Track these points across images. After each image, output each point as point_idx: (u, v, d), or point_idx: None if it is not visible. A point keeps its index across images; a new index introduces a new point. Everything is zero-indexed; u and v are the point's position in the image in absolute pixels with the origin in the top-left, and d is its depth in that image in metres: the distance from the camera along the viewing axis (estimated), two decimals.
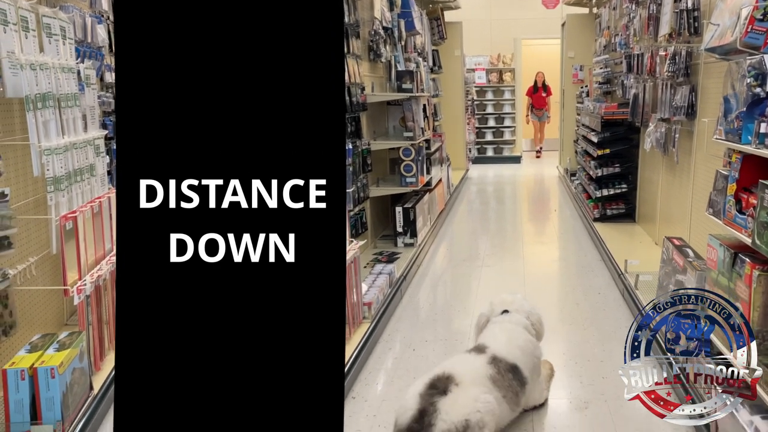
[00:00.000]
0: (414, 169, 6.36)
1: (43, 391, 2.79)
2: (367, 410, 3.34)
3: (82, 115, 3.65)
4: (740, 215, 2.52)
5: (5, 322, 2.94)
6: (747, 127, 2.50)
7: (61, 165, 3.30)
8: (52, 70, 3.28)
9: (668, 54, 4.82)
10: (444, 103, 11.03)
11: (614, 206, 7.18)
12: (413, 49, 7.88)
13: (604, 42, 8.56)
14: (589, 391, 3.44)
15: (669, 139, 5.10)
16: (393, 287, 4.91)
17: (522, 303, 3.35)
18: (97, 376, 3.40)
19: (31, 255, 3.39)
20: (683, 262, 3.37)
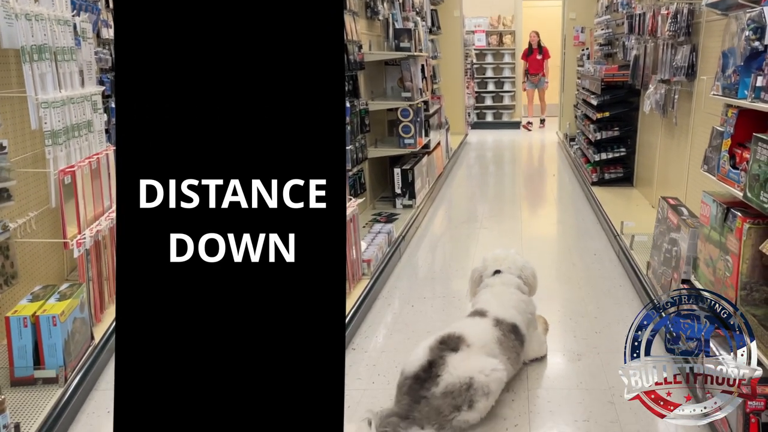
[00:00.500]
0: (412, 131, 6.35)
1: (45, 337, 2.89)
2: (366, 360, 3.45)
3: (78, 69, 3.65)
4: (734, 170, 2.57)
5: (6, 273, 3.02)
6: (744, 82, 2.53)
7: (59, 119, 3.31)
8: (48, 21, 3.26)
9: (670, 13, 4.82)
10: (443, 65, 10.93)
11: (612, 170, 7.22)
12: (411, 8, 7.76)
13: (606, 2, 8.51)
14: (582, 344, 3.53)
15: (668, 100, 5.12)
16: (392, 246, 4.98)
17: (515, 258, 3.41)
18: (97, 327, 3.49)
19: (31, 209, 3.43)
20: (677, 220, 3.43)
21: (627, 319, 3.76)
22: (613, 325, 3.74)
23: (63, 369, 2.92)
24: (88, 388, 3.13)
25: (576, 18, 10.69)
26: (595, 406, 2.93)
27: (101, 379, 3.27)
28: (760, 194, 2.18)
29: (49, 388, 2.88)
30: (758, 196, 2.20)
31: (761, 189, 2.17)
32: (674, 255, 3.41)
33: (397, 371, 3.24)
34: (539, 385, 3.14)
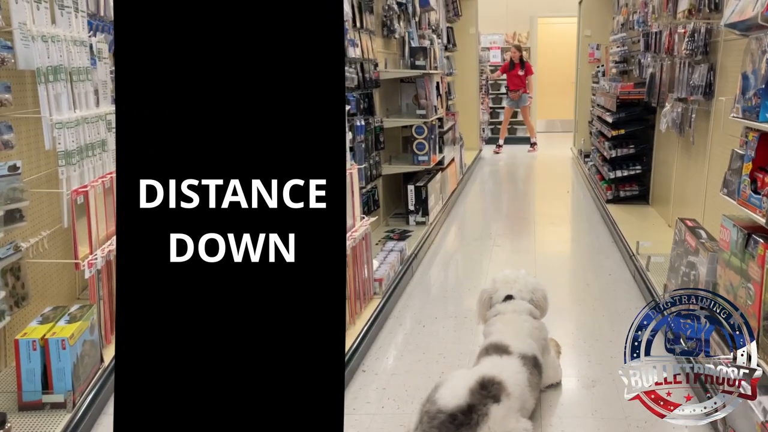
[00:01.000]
0: (426, 148, 6.36)
1: (54, 361, 2.83)
2: (377, 383, 3.39)
3: (94, 89, 3.65)
4: (755, 195, 2.50)
5: (17, 294, 3.00)
6: (765, 105, 2.47)
7: (73, 139, 3.30)
8: (64, 42, 3.27)
9: (687, 31, 4.76)
10: (458, 81, 10.94)
11: (628, 188, 7.13)
12: (427, 26, 7.81)
13: (621, 20, 8.46)
14: (597, 369, 3.45)
15: (685, 119, 5.04)
16: (404, 264, 4.94)
17: (526, 280, 3.35)
18: (107, 349, 3.43)
19: (44, 229, 3.41)
20: (695, 243, 3.35)
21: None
22: None
23: (71, 393, 2.88)
24: (97, 413, 3.08)
25: (591, 35, 10.67)
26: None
27: (110, 402, 3.20)
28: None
29: (56, 414, 2.84)
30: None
31: None
32: (692, 279, 3.33)
33: (408, 395, 3.22)
34: (552, 413, 3.07)
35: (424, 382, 3.29)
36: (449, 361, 3.61)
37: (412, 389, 3.29)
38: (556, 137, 14.52)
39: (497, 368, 2.76)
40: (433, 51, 7.26)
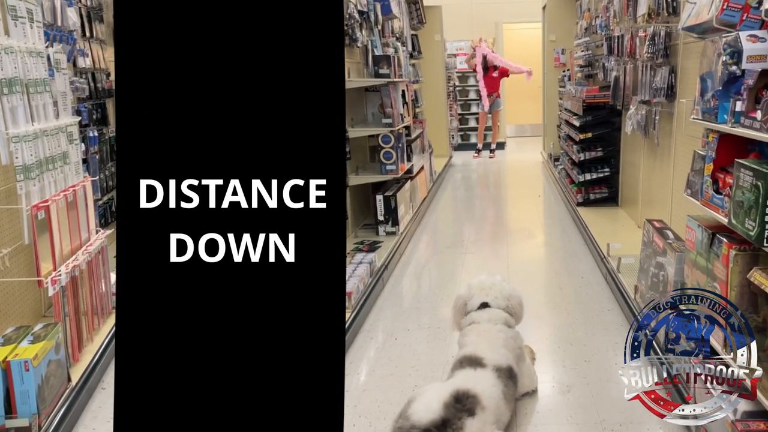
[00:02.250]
0: (394, 157, 6.31)
1: (17, 384, 2.75)
2: (347, 400, 3.29)
3: (53, 101, 3.57)
4: (717, 195, 2.54)
5: None
6: (723, 106, 2.51)
7: (31, 153, 3.21)
8: (19, 54, 3.19)
9: (647, 35, 4.83)
10: (425, 89, 10.96)
11: (597, 190, 7.21)
12: (391, 34, 7.80)
13: (584, 24, 8.56)
14: (572, 374, 3.47)
15: (650, 121, 5.12)
16: (374, 276, 4.89)
17: (501, 286, 3.34)
18: (75, 368, 3.38)
19: (4, 246, 3.34)
20: (663, 244, 3.40)
21: (617, 346, 3.72)
22: (603, 352, 3.69)
23: (36, 416, 2.81)
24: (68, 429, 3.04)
25: (556, 40, 10.78)
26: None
27: (79, 422, 3.17)
28: (745, 221, 2.14)
29: None
30: (743, 223, 2.16)
31: (746, 216, 2.14)
32: (661, 280, 3.38)
33: (380, 411, 3.18)
34: (528, 421, 3.07)
35: (396, 396, 3.26)
36: (422, 373, 3.59)
37: (384, 405, 3.25)
38: (526, 141, 14.63)
39: (472, 381, 2.74)
40: (398, 59, 7.22)
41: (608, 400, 3.18)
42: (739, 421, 2.17)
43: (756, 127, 2.17)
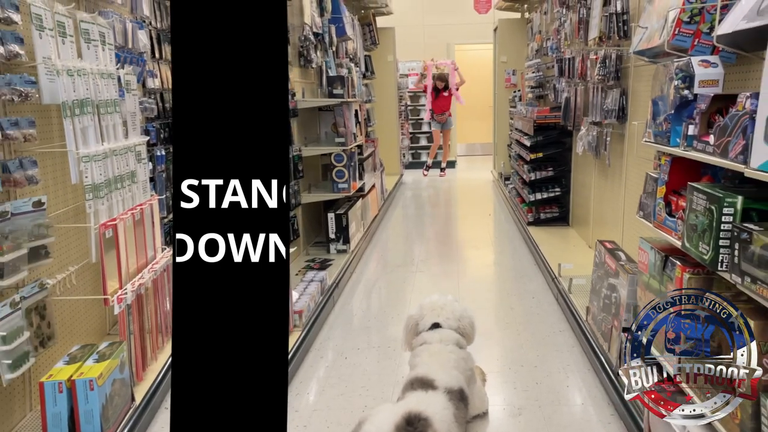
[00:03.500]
0: (346, 175, 6.36)
1: (81, 403, 2.76)
2: (297, 420, 3.28)
3: (122, 121, 3.63)
4: (670, 218, 2.55)
5: (43, 334, 2.88)
6: (675, 130, 2.53)
7: (100, 172, 3.26)
8: (91, 75, 3.24)
9: (598, 57, 4.89)
10: (377, 108, 11.04)
11: (548, 210, 7.27)
12: (345, 55, 7.86)
13: (536, 46, 8.68)
14: (523, 397, 3.44)
15: (601, 142, 5.17)
16: (325, 295, 4.86)
17: (453, 307, 3.30)
18: (139, 387, 3.36)
19: (72, 264, 3.35)
20: (615, 265, 3.41)
21: (568, 368, 3.71)
22: (554, 374, 3.67)
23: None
24: None
25: (507, 61, 10.93)
26: None
27: None
28: (699, 245, 2.15)
29: None
30: (697, 246, 2.17)
31: (699, 240, 2.14)
32: (614, 301, 3.38)
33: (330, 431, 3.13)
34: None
35: (347, 417, 3.23)
36: (372, 394, 3.54)
37: (334, 425, 3.21)
38: (477, 160, 14.75)
39: (423, 404, 2.68)
40: (351, 79, 7.29)
41: (560, 424, 3.16)
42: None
43: (709, 152, 2.17)
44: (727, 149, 2.01)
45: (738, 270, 1.90)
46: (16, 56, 2.74)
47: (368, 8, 10.25)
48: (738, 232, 1.91)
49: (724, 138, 2.03)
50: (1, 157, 2.80)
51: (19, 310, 2.69)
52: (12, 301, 2.65)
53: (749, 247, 1.83)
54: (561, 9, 6.58)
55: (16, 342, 2.63)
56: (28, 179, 2.83)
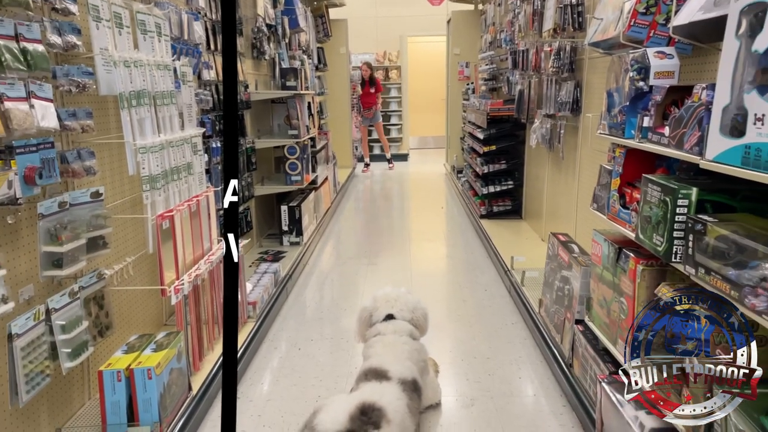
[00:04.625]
0: (299, 168, 6.34)
1: (140, 392, 2.77)
2: (251, 410, 3.28)
3: (178, 112, 3.63)
4: (624, 210, 2.56)
5: (101, 323, 2.94)
6: (630, 122, 2.54)
7: (157, 163, 3.26)
8: (147, 67, 3.24)
9: (553, 49, 4.91)
10: (330, 100, 11.00)
11: (501, 203, 7.31)
12: (298, 47, 7.80)
13: (489, 38, 8.70)
14: (475, 388, 3.45)
15: (554, 135, 5.20)
16: (278, 286, 4.86)
17: (407, 299, 3.31)
18: (195, 377, 3.38)
19: (128, 255, 3.38)
20: (568, 257, 3.43)
21: (520, 360, 3.73)
22: (506, 366, 3.69)
23: (158, 425, 2.77)
24: None
25: (460, 53, 10.96)
26: None
27: (199, 431, 3.10)
28: (653, 237, 2.16)
29: None
30: (651, 238, 2.18)
31: (653, 231, 2.15)
32: (566, 294, 3.40)
33: (284, 421, 3.15)
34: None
35: (300, 407, 3.23)
36: (326, 384, 3.53)
37: (288, 415, 3.20)
38: (429, 153, 14.79)
39: (377, 394, 2.68)
40: (304, 71, 7.26)
41: (511, 414, 3.18)
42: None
43: (664, 143, 2.18)
44: (683, 141, 2.02)
45: (692, 261, 1.91)
46: (73, 47, 2.72)
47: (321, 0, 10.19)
48: (692, 223, 1.92)
49: (680, 129, 2.04)
50: (60, 148, 2.75)
51: (77, 299, 2.73)
52: (71, 291, 2.69)
53: (703, 238, 1.85)
54: (515, 0, 6.60)
55: (75, 331, 2.67)
56: (86, 170, 2.83)
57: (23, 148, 2.34)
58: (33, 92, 2.39)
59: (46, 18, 2.61)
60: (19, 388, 2.37)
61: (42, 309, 2.50)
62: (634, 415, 2.30)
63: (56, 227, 2.58)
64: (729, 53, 1.71)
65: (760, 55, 1.57)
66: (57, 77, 2.66)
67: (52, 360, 2.55)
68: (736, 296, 1.66)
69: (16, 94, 2.29)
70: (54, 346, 2.56)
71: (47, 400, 2.75)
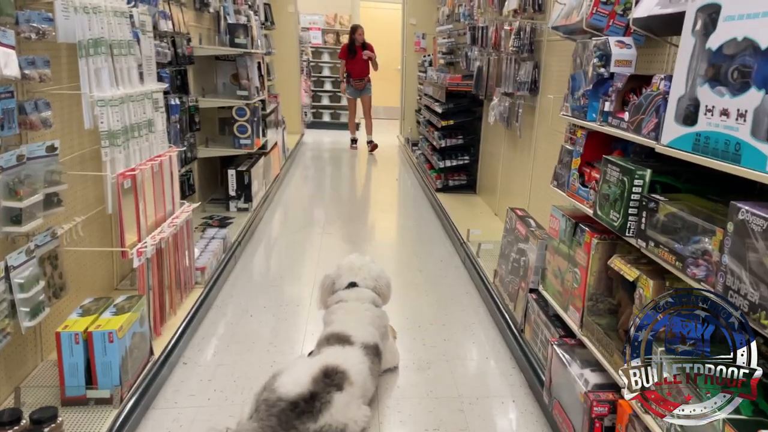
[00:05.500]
0: (249, 131, 6.37)
1: (99, 355, 2.81)
2: (200, 375, 3.42)
3: (137, 65, 3.53)
4: (583, 188, 2.86)
5: (55, 284, 2.95)
6: (592, 105, 2.83)
7: (117, 118, 3.19)
8: (105, 13, 3.14)
9: (513, 29, 5.19)
10: (277, 62, 10.97)
11: (456, 177, 7.64)
12: (244, 1, 7.74)
13: (447, 11, 8.92)
14: (431, 352, 3.75)
15: (512, 113, 5.51)
16: (227, 252, 4.97)
17: (370, 267, 3.57)
18: (157, 341, 3.43)
19: (78, 214, 3.27)
20: (525, 231, 3.74)
21: (474, 326, 4.05)
22: (461, 332, 4.00)
23: (119, 389, 2.83)
24: (146, 407, 3.06)
25: (416, 24, 11.11)
26: (445, 414, 3.14)
27: (159, 396, 3.21)
28: (610, 213, 2.46)
29: (102, 410, 2.81)
30: (608, 214, 2.48)
31: (611, 208, 2.46)
32: (522, 265, 3.72)
33: (237, 386, 3.30)
34: (389, 395, 3.31)
35: (255, 371, 3.41)
36: (281, 349, 3.73)
37: (241, 380, 3.38)
38: (381, 124, 14.96)
39: (341, 358, 2.93)
40: (252, 29, 7.15)
41: (465, 375, 3.49)
42: (591, 392, 2.50)
43: (623, 128, 2.48)
44: (641, 126, 2.31)
45: (644, 235, 2.22)
46: None
47: None
48: (646, 201, 2.22)
49: (638, 116, 2.34)
50: (18, 98, 2.72)
51: (34, 258, 2.74)
52: (27, 249, 2.70)
53: (655, 215, 2.15)
54: None
55: (33, 290, 2.70)
56: (42, 122, 2.80)
57: None
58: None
59: None
60: None
61: (1, 266, 2.52)
62: (580, 372, 2.62)
63: (14, 181, 2.57)
64: (685, 48, 2.01)
65: (712, 52, 1.87)
66: (19, 23, 2.62)
67: (11, 318, 2.60)
68: (680, 266, 1.97)
69: None
70: (13, 305, 2.60)
71: (4, 359, 2.84)
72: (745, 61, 1.72)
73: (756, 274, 1.61)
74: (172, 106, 4.58)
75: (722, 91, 1.80)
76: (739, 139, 1.71)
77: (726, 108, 1.77)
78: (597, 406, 2.46)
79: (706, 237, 1.87)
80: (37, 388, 2.93)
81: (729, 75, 1.79)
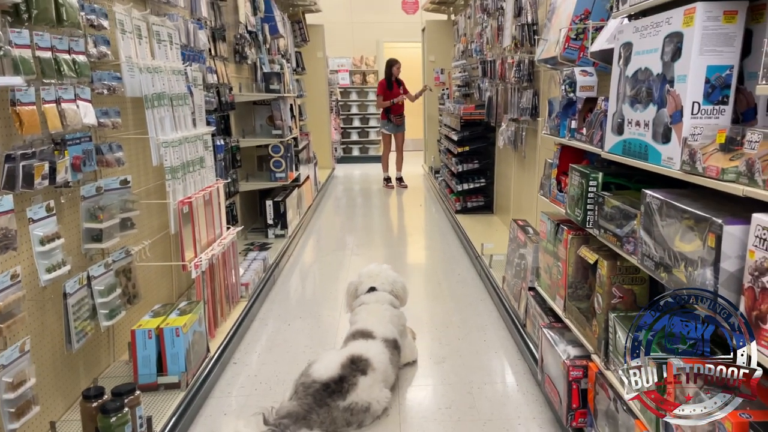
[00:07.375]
0: (283, 165, 7.04)
1: (168, 347, 3.41)
2: (248, 372, 3.99)
3: (191, 112, 4.23)
4: (560, 193, 3.38)
5: (129, 293, 3.56)
6: (563, 124, 3.36)
7: (177, 156, 3.87)
8: (165, 72, 3.84)
9: (514, 61, 5.74)
10: (308, 103, 11.66)
11: (474, 199, 8.18)
12: (277, 51, 8.51)
13: (461, 48, 9.47)
14: (447, 349, 4.26)
15: (518, 136, 6.04)
16: (267, 272, 5.57)
17: (387, 273, 4.13)
18: (212, 343, 4.03)
19: (145, 238, 3.94)
20: (524, 237, 4.24)
21: (486, 327, 4.55)
22: (474, 332, 4.50)
23: (185, 374, 3.42)
24: (205, 395, 3.63)
25: (435, 60, 11.68)
26: (456, 396, 3.64)
27: (216, 388, 3.78)
28: (575, 210, 2.97)
29: (171, 393, 3.38)
30: (574, 211, 2.99)
31: (576, 206, 2.97)
32: (523, 267, 4.22)
33: (278, 379, 3.85)
34: (409, 384, 3.82)
35: (293, 368, 3.91)
36: (315, 351, 4.23)
37: (282, 374, 3.92)
38: (407, 155, 15.42)
39: (364, 349, 3.48)
40: (285, 75, 7.93)
41: (476, 366, 3.98)
42: (568, 360, 3.00)
43: (583, 140, 3.01)
44: (593, 138, 2.84)
45: (597, 225, 2.73)
46: (104, 56, 3.31)
47: (296, 6, 10.85)
48: (598, 198, 2.74)
49: (591, 130, 2.87)
50: (95, 141, 3.30)
51: (111, 270, 3.35)
52: (105, 263, 3.31)
53: (603, 208, 2.67)
54: (482, 15, 7.41)
55: (111, 296, 3.29)
56: (116, 161, 3.40)
57: (71, 141, 2.95)
58: (78, 95, 2.96)
59: (88, 34, 3.20)
60: (72, 338, 2.99)
61: (84, 275, 3.10)
62: (564, 349, 3.12)
63: (94, 208, 3.21)
64: (615, 75, 2.55)
65: (629, 78, 2.41)
66: (93, 82, 3.18)
67: (92, 320, 3.15)
68: (619, 245, 2.48)
69: (68, 96, 2.88)
70: (94, 308, 3.17)
71: (83, 356, 3.35)
72: (649, 84, 2.26)
73: (656, 240, 2.12)
74: (218, 146, 5.25)
75: (638, 107, 2.34)
76: (646, 143, 2.25)
77: (638, 120, 2.31)
78: (573, 371, 2.95)
79: (633, 220, 2.38)
80: (112, 378, 3.47)
81: (641, 94, 2.33)
